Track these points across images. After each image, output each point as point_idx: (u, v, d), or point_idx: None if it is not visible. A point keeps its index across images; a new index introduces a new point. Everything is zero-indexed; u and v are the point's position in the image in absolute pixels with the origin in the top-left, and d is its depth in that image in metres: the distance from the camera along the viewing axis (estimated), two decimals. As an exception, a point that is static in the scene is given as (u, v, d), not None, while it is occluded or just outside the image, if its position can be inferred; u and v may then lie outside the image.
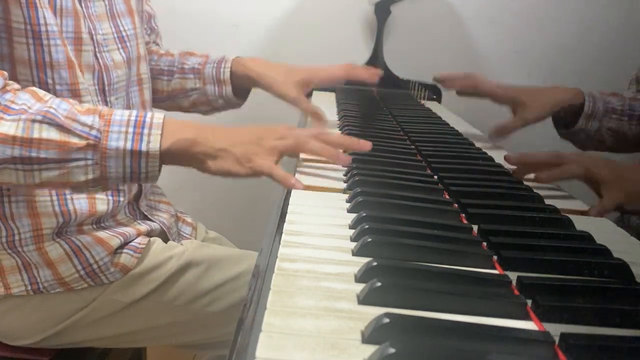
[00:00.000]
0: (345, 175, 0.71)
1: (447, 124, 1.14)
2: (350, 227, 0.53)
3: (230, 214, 1.72)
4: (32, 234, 0.77)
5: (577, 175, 0.73)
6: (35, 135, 0.61)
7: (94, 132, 0.63)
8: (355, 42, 1.62)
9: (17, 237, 0.77)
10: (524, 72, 1.65)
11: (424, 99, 1.47)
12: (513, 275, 0.45)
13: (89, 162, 0.63)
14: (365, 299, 0.40)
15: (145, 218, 0.93)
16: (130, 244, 0.84)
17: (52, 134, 0.62)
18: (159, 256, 0.86)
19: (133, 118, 0.65)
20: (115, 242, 0.81)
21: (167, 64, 1.04)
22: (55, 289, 0.80)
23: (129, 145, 0.63)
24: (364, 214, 0.54)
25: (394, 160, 0.77)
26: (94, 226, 0.83)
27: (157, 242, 0.89)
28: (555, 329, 0.38)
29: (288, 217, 0.54)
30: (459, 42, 1.63)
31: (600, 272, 0.48)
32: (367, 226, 0.50)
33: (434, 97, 1.53)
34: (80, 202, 0.79)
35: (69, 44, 0.76)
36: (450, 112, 1.33)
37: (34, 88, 0.66)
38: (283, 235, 0.50)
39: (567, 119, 1.05)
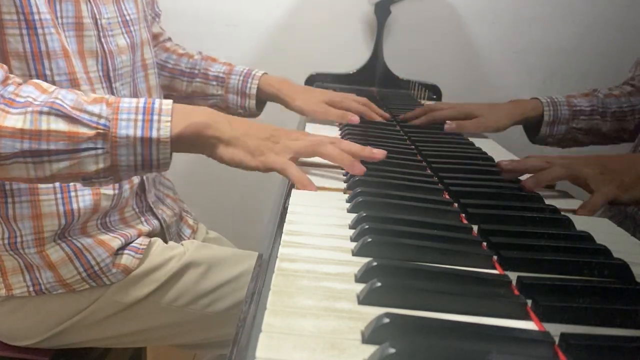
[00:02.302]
0: (345, 175, 0.71)
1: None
2: (350, 227, 0.53)
3: (230, 214, 1.72)
4: (33, 237, 0.77)
5: (561, 176, 0.73)
6: (44, 127, 0.60)
7: (102, 121, 0.62)
8: (355, 42, 1.62)
9: (18, 239, 0.77)
10: (524, 72, 1.65)
11: (424, 99, 1.47)
12: (513, 275, 0.45)
13: (99, 151, 0.62)
14: (365, 299, 0.39)
15: (151, 211, 0.92)
16: (132, 244, 0.84)
17: (60, 125, 0.60)
18: (159, 257, 0.86)
19: (141, 105, 0.63)
20: (116, 243, 0.81)
21: (188, 65, 1.06)
22: (57, 290, 0.80)
23: (139, 133, 0.62)
24: (364, 214, 0.54)
25: (394, 160, 0.77)
26: (99, 224, 0.82)
27: (158, 242, 0.89)
28: (555, 329, 0.38)
29: (288, 217, 0.54)
30: (459, 43, 1.63)
31: (600, 272, 0.48)
32: (367, 226, 0.50)
33: (434, 97, 1.53)
34: (84, 200, 0.78)
35: (69, 30, 0.74)
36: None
37: (37, 80, 0.65)
38: (283, 235, 0.50)
39: (533, 127, 1.09)
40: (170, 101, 0.65)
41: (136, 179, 0.87)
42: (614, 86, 1.13)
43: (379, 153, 0.71)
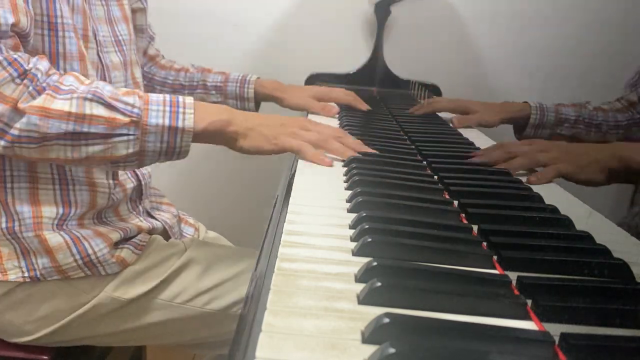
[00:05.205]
0: (345, 175, 0.71)
1: (447, 124, 1.14)
2: (350, 227, 0.53)
3: (230, 214, 1.72)
4: (32, 221, 0.78)
5: (523, 166, 0.81)
6: (87, 111, 0.68)
7: (135, 110, 0.69)
8: (355, 42, 1.62)
9: (17, 224, 0.78)
10: (524, 72, 1.65)
11: (424, 99, 1.47)
12: (513, 275, 0.45)
13: (131, 137, 0.69)
14: (365, 299, 0.39)
15: (148, 215, 0.94)
16: (132, 240, 0.86)
17: (101, 111, 0.68)
18: (160, 253, 0.87)
19: (168, 99, 0.72)
20: (115, 235, 0.83)
21: (186, 79, 1.14)
22: (52, 277, 0.80)
23: (167, 122, 0.70)
24: (364, 214, 0.54)
25: (394, 160, 0.77)
26: (95, 221, 0.84)
27: (158, 239, 0.90)
28: (555, 329, 0.38)
29: (288, 217, 0.54)
30: (459, 42, 1.63)
31: (600, 272, 0.48)
32: (367, 226, 0.50)
33: (434, 97, 1.53)
34: (82, 194, 0.81)
35: (80, 39, 0.79)
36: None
37: (75, 73, 0.72)
38: (283, 235, 0.50)
39: (521, 127, 1.19)
40: (191, 98, 0.74)
41: (130, 184, 0.89)
42: (606, 102, 1.22)
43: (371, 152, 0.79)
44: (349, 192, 0.62)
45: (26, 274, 0.80)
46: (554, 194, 0.73)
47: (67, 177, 0.80)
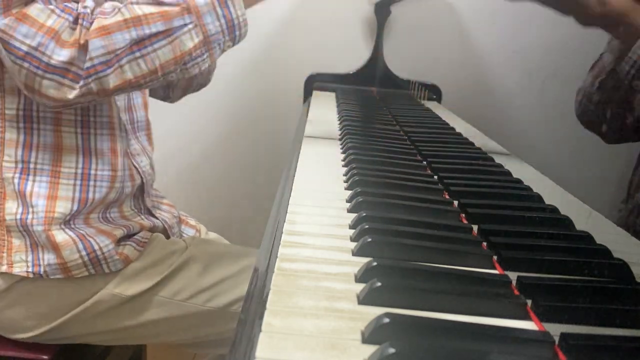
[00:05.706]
0: (345, 175, 0.71)
1: (447, 124, 1.14)
2: (350, 227, 0.53)
3: (230, 215, 1.72)
4: (44, 215, 0.79)
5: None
6: (139, 12, 0.72)
7: None
8: (355, 42, 1.62)
9: (30, 216, 0.79)
10: (524, 72, 1.65)
11: (424, 99, 1.47)
12: (513, 275, 0.45)
13: (190, 25, 0.73)
14: (365, 299, 0.39)
15: (149, 213, 0.94)
16: (134, 237, 0.87)
17: (151, 9, 0.72)
18: (161, 251, 0.88)
19: None
20: (118, 232, 0.84)
21: None
22: (55, 275, 0.81)
23: None
24: (364, 214, 0.54)
25: (394, 160, 0.77)
26: (100, 217, 0.85)
27: (160, 237, 0.91)
28: (555, 329, 0.38)
29: (288, 217, 0.54)
30: (459, 42, 1.63)
31: (600, 272, 0.48)
32: (367, 226, 0.50)
33: (434, 97, 1.53)
34: (101, 189, 0.83)
35: None
36: (450, 112, 1.34)
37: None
38: (283, 235, 0.50)
39: None
40: None
41: (137, 179, 0.89)
42: None
43: None
44: (349, 192, 0.62)
45: (30, 269, 0.80)
46: (554, 194, 0.73)
47: (90, 172, 0.82)
